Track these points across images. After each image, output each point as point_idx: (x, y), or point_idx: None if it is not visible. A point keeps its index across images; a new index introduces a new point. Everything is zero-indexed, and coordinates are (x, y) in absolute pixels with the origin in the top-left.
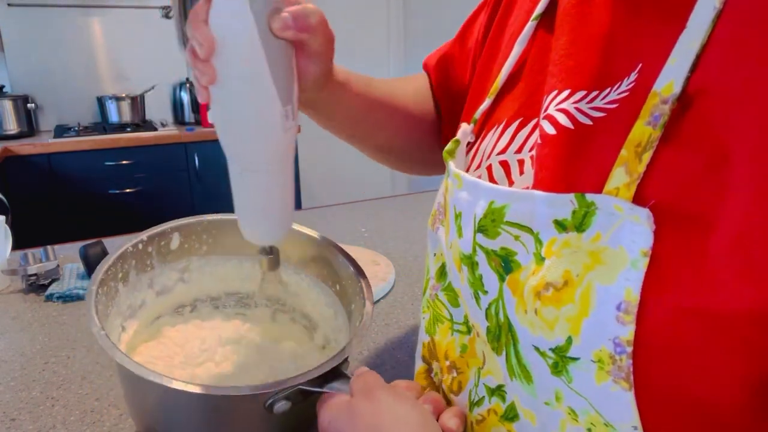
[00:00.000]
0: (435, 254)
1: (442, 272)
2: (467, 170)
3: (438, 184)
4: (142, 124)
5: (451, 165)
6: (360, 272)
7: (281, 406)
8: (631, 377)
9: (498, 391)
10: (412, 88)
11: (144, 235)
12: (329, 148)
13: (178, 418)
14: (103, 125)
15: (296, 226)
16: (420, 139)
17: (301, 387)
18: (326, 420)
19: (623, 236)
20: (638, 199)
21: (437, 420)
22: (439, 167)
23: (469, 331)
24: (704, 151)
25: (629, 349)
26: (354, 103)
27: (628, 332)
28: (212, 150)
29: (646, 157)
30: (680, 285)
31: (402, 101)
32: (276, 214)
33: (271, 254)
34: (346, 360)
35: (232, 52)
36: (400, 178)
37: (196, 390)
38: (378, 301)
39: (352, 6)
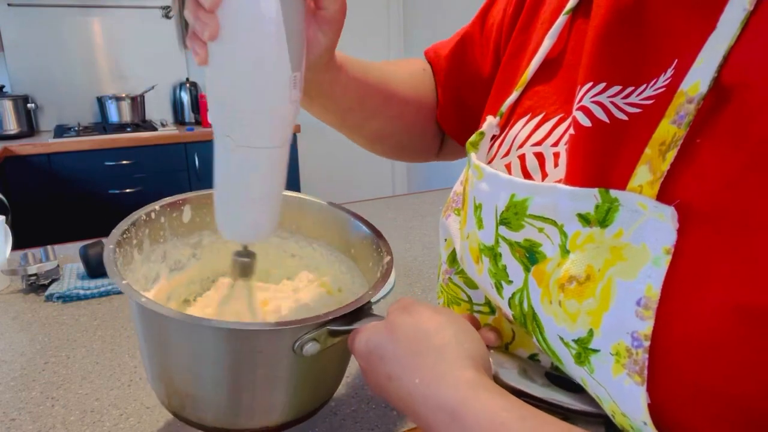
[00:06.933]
0: (446, 239)
1: (454, 258)
2: (493, 158)
3: (439, 183)
4: (142, 124)
5: (473, 156)
6: (377, 233)
7: (310, 348)
8: (645, 372)
9: (531, 359)
10: (406, 72)
11: (156, 204)
12: (329, 148)
13: (205, 367)
14: (103, 125)
15: (301, 195)
16: (414, 125)
17: (329, 327)
18: (363, 341)
19: (646, 233)
20: (665, 197)
21: None
22: (432, 153)
23: (493, 311)
24: (745, 148)
25: (646, 344)
26: (350, 90)
27: (646, 327)
28: (213, 150)
29: (670, 155)
30: (721, 283)
31: (396, 87)
32: (266, 206)
33: (249, 257)
34: (369, 303)
35: (243, 1)
36: (400, 178)
37: (222, 326)
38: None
39: (352, 6)
